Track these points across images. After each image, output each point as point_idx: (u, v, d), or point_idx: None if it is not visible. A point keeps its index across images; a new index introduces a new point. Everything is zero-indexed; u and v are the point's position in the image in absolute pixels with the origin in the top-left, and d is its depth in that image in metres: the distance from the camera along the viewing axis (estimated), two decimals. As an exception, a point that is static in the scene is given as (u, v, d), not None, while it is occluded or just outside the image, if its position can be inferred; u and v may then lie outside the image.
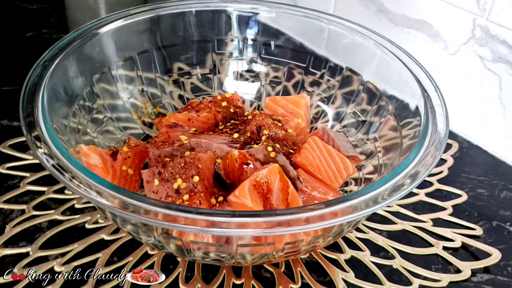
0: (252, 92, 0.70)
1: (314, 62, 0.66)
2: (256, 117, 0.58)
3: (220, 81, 0.70)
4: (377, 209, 0.38)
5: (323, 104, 0.66)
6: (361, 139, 0.60)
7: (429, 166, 0.41)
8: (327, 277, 0.49)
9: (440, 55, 0.70)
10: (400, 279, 0.49)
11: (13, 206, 0.54)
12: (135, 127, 0.62)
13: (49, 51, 0.52)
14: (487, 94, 0.66)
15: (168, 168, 0.47)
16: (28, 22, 0.91)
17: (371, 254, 0.51)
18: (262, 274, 0.49)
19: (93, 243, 0.50)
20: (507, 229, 0.56)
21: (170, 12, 0.63)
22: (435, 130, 0.46)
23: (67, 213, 0.53)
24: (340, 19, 0.63)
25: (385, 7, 0.75)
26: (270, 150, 0.50)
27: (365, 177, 0.55)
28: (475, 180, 0.63)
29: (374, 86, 0.59)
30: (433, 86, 0.52)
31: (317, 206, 0.37)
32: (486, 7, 0.62)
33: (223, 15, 0.67)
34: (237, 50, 0.69)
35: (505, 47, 0.62)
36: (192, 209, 0.37)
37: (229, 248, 0.42)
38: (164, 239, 0.42)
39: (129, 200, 0.36)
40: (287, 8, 0.65)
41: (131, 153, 0.51)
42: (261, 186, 0.44)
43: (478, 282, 0.50)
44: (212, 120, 0.60)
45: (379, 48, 0.58)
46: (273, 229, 0.36)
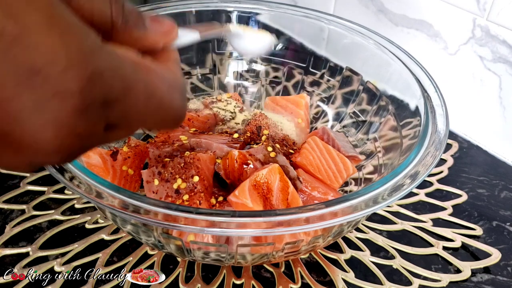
0: (252, 92, 0.70)
1: (314, 62, 0.66)
2: (256, 117, 0.58)
3: (220, 81, 0.70)
4: (377, 209, 0.38)
5: (323, 104, 0.66)
6: (361, 139, 0.60)
7: (429, 166, 0.41)
8: (327, 277, 0.49)
9: (440, 55, 0.70)
10: (400, 279, 0.49)
11: (13, 206, 0.54)
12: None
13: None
14: (487, 94, 0.66)
15: (168, 168, 0.47)
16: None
17: (371, 254, 0.51)
18: (262, 274, 0.49)
19: (93, 243, 0.50)
20: (507, 229, 0.56)
21: (170, 12, 0.63)
22: (435, 130, 0.46)
23: (67, 213, 0.53)
24: (340, 19, 0.63)
25: (385, 7, 0.75)
26: (270, 150, 0.50)
27: (365, 177, 0.55)
28: (475, 180, 0.63)
29: (374, 86, 0.59)
30: (433, 86, 0.51)
31: (317, 206, 0.37)
32: (486, 7, 0.62)
33: (223, 15, 0.67)
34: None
35: (505, 47, 0.62)
36: (192, 209, 0.37)
37: (229, 248, 0.42)
38: (164, 239, 0.42)
39: (129, 200, 0.36)
40: (287, 8, 0.65)
41: (131, 153, 0.51)
42: (261, 186, 0.44)
43: (478, 282, 0.50)
44: (212, 120, 0.60)
45: (379, 48, 0.58)
46: (273, 229, 0.36)
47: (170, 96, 0.25)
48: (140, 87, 0.23)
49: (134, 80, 0.22)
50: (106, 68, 0.20)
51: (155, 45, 0.27)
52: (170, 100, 0.25)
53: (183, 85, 0.27)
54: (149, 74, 0.24)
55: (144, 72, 0.23)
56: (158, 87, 0.24)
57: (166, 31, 0.28)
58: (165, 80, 0.25)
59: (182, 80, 0.28)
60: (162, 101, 0.24)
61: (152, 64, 0.25)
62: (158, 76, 0.24)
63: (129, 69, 0.22)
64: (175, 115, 0.26)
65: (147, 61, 0.25)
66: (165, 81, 0.25)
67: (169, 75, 0.26)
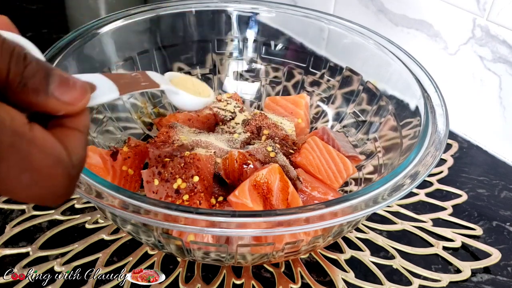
0: (252, 92, 0.70)
1: (314, 62, 0.66)
2: (256, 117, 0.58)
3: (220, 81, 0.70)
4: (377, 209, 0.38)
5: (323, 104, 0.66)
6: (361, 139, 0.60)
7: (429, 166, 0.41)
8: (327, 277, 0.49)
9: (440, 55, 0.70)
10: (400, 279, 0.49)
11: (13, 206, 0.54)
12: (135, 127, 0.62)
13: (49, 51, 0.52)
14: (487, 94, 0.66)
15: (168, 168, 0.47)
16: (28, 22, 0.91)
17: (371, 254, 0.51)
18: (262, 274, 0.49)
19: (93, 243, 0.50)
20: (507, 229, 0.56)
21: (170, 12, 0.63)
22: (435, 130, 0.46)
23: (67, 213, 0.53)
24: (340, 19, 0.63)
25: (385, 7, 0.75)
26: (270, 150, 0.50)
27: (365, 177, 0.55)
28: (475, 180, 0.63)
29: (374, 86, 0.59)
30: (433, 86, 0.52)
31: (317, 206, 0.37)
32: (486, 7, 0.62)
33: (223, 15, 0.67)
34: (237, 50, 0.69)
35: (505, 47, 0.62)
36: (192, 209, 0.37)
37: (229, 248, 0.42)
38: (164, 239, 0.42)
39: (129, 200, 0.36)
40: (287, 8, 0.66)
41: (131, 153, 0.51)
42: (261, 186, 0.44)
43: (478, 282, 0.50)
44: (212, 120, 0.60)
45: (379, 48, 0.58)
46: (273, 229, 0.36)
47: (52, 172, 0.23)
48: (13, 159, 0.21)
49: (8, 152, 0.21)
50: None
51: (55, 113, 0.24)
52: (50, 177, 0.23)
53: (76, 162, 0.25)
54: (30, 146, 0.22)
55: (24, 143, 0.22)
56: (38, 161, 0.22)
57: (73, 99, 0.25)
58: (49, 154, 0.23)
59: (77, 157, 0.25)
60: (40, 177, 0.23)
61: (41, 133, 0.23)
62: (42, 150, 0.23)
63: (6, 139, 0.21)
64: (55, 193, 0.24)
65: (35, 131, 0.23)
66: (50, 156, 0.23)
67: (58, 150, 0.24)
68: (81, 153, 0.25)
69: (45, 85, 0.23)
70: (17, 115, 0.22)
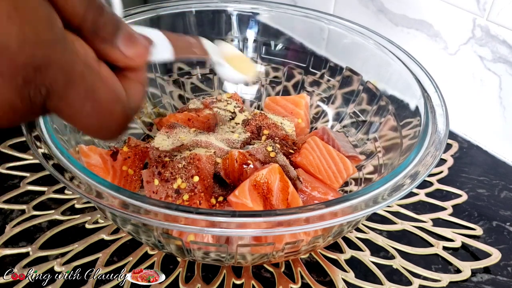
0: (252, 92, 0.70)
1: (314, 62, 0.66)
2: (256, 117, 0.58)
3: (220, 81, 0.70)
4: (377, 209, 0.38)
5: (323, 104, 0.66)
6: (361, 139, 0.60)
7: (429, 166, 0.41)
8: (327, 277, 0.49)
9: (440, 55, 0.70)
10: (400, 279, 0.49)
11: (13, 206, 0.54)
12: (135, 127, 0.62)
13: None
14: (487, 94, 0.66)
15: (168, 168, 0.47)
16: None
17: (371, 254, 0.51)
18: (262, 274, 0.49)
19: (93, 243, 0.50)
20: (507, 229, 0.56)
21: (170, 12, 0.63)
22: (435, 130, 0.46)
23: (67, 213, 0.53)
24: (340, 19, 0.63)
25: (385, 7, 0.75)
26: (270, 150, 0.50)
27: (365, 177, 0.55)
28: (475, 180, 0.63)
29: (374, 86, 0.59)
30: (433, 86, 0.52)
31: (317, 206, 0.37)
32: (486, 7, 0.62)
33: (223, 15, 0.67)
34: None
35: (505, 47, 0.62)
36: (192, 209, 0.37)
37: (229, 248, 0.42)
38: (164, 239, 0.42)
39: (129, 200, 0.36)
40: (287, 8, 0.66)
41: (131, 153, 0.51)
42: (261, 186, 0.44)
43: (478, 282, 0.50)
44: (212, 120, 0.60)
45: (379, 48, 0.58)
46: (273, 229, 0.36)
47: (111, 107, 0.26)
48: (81, 87, 0.24)
49: (78, 79, 0.23)
50: (56, 61, 0.22)
51: (115, 62, 0.27)
52: (110, 111, 0.26)
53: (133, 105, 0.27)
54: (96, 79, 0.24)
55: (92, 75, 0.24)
56: (101, 94, 0.25)
57: (134, 55, 0.27)
58: (112, 91, 0.26)
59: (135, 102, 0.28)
60: (101, 109, 0.25)
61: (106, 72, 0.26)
62: (106, 85, 0.25)
63: (78, 68, 0.23)
64: (109, 127, 0.26)
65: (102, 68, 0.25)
66: (112, 92, 0.26)
67: (119, 90, 0.26)
68: (139, 100, 0.28)
69: (113, 37, 0.26)
70: (89, 50, 0.25)
